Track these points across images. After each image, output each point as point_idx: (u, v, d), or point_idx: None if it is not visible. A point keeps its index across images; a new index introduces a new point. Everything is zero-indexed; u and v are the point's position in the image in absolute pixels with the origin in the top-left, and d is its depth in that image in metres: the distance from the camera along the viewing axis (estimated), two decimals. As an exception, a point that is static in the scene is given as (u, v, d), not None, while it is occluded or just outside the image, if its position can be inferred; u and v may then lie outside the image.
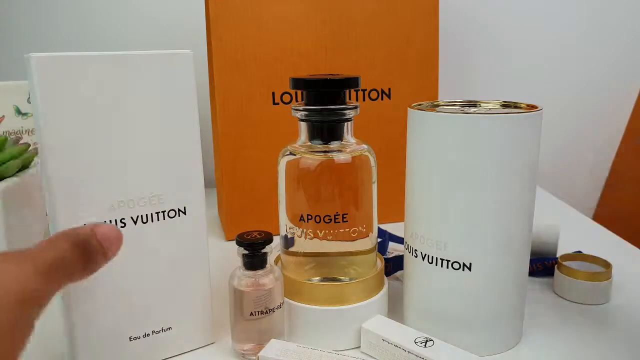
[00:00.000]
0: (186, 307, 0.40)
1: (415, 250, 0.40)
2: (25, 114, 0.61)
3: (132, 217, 0.36)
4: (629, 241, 0.61)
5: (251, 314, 0.38)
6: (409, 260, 0.41)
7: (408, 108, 0.39)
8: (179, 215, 0.37)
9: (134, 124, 0.35)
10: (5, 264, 0.23)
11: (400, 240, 0.57)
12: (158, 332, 0.38)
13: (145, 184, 0.36)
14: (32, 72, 0.31)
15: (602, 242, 0.62)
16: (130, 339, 0.37)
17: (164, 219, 0.37)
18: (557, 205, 0.77)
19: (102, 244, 0.27)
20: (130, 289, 0.37)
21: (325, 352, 0.37)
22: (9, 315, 0.21)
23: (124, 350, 0.37)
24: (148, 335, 0.38)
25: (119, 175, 0.35)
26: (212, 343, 0.42)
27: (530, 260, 0.40)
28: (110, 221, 0.35)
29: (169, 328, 0.39)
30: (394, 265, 0.51)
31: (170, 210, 0.37)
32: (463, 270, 0.37)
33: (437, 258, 0.38)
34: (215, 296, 0.48)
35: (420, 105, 0.41)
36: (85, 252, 0.27)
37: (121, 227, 0.35)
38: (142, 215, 0.36)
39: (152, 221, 0.36)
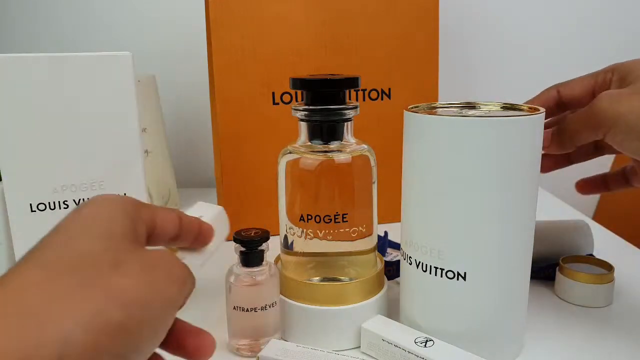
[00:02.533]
0: None
1: (410, 257, 0.39)
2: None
3: (74, 200, 0.39)
4: (630, 241, 0.61)
5: (246, 310, 0.38)
6: (404, 268, 0.40)
7: (404, 111, 0.38)
8: None
9: (74, 118, 0.38)
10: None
11: (397, 246, 0.56)
12: None
13: (86, 171, 0.39)
14: None
15: (602, 242, 0.61)
16: None
17: None
18: (557, 205, 0.77)
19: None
20: None
21: (325, 352, 0.37)
22: None
23: None
24: None
25: (61, 163, 0.38)
26: None
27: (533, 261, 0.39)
28: (54, 203, 0.39)
29: None
30: (396, 270, 0.50)
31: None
32: (457, 279, 0.36)
33: (431, 266, 0.37)
34: (214, 294, 0.48)
35: (416, 107, 0.39)
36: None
37: (64, 208, 0.39)
38: (83, 199, 0.39)
39: None
